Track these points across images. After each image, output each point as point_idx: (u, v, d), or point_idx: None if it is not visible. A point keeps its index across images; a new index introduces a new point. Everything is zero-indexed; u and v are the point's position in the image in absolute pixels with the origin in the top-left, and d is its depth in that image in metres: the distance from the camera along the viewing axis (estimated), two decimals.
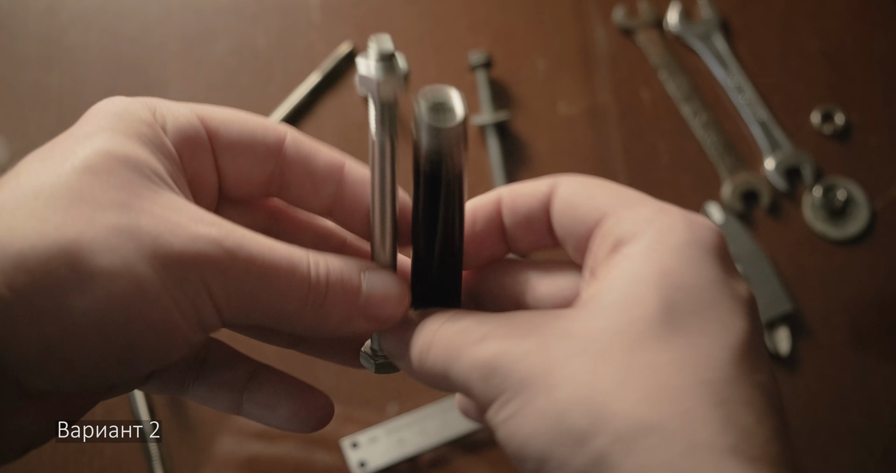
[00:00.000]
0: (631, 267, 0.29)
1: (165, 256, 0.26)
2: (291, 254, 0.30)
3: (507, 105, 0.79)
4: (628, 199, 0.31)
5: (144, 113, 0.30)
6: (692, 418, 0.25)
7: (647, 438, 0.25)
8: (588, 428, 0.25)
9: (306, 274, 0.30)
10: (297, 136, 0.34)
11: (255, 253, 0.28)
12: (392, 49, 0.29)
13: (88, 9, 0.80)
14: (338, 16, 0.81)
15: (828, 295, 0.74)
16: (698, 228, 0.30)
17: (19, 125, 0.76)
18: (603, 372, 0.26)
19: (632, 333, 0.27)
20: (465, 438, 0.68)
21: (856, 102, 0.81)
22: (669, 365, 0.26)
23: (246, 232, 0.29)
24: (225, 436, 0.68)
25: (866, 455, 0.70)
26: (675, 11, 0.83)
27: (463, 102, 0.29)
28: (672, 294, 0.28)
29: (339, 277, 0.31)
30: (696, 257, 0.29)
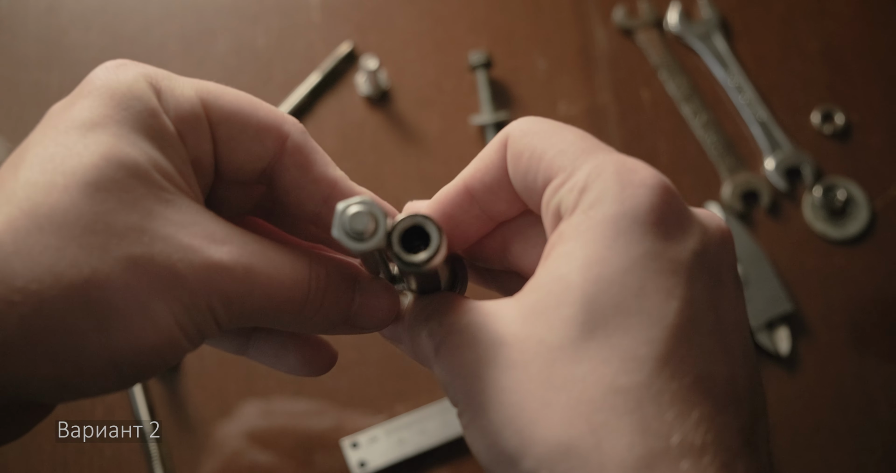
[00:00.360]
0: (559, 257, 0.27)
1: (178, 290, 0.26)
2: (295, 270, 0.30)
3: (507, 105, 0.79)
4: (573, 155, 0.29)
5: (147, 95, 0.29)
6: (602, 434, 0.24)
7: (565, 461, 0.25)
8: (516, 451, 0.26)
9: (306, 289, 0.30)
10: (298, 140, 0.32)
11: (263, 275, 0.28)
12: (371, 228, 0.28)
13: (88, 9, 0.80)
14: (338, 16, 0.81)
15: (828, 295, 0.74)
16: (631, 189, 0.27)
17: (19, 125, 0.76)
18: (526, 391, 0.26)
19: (552, 342, 0.26)
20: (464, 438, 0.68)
21: (856, 102, 0.81)
22: (586, 377, 0.25)
23: (255, 248, 0.29)
24: (225, 436, 0.68)
25: (866, 455, 0.70)
26: (675, 11, 0.83)
27: (438, 234, 0.28)
28: (593, 289, 0.26)
29: (336, 290, 0.31)
30: (624, 232, 0.27)
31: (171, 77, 0.30)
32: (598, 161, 0.28)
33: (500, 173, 0.31)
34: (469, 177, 0.32)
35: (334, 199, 0.33)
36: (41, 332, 0.24)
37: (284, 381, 0.69)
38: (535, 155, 0.30)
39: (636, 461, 0.24)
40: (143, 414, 0.66)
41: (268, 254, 0.29)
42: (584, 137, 0.30)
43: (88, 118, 0.27)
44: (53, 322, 0.24)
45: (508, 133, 0.31)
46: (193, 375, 0.69)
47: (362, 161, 0.77)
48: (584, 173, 0.28)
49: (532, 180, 0.30)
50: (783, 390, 0.72)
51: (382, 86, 0.78)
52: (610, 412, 0.25)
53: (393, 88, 0.79)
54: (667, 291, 0.26)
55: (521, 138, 0.30)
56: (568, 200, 0.28)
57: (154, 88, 0.29)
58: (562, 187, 0.28)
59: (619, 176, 0.27)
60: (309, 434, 0.69)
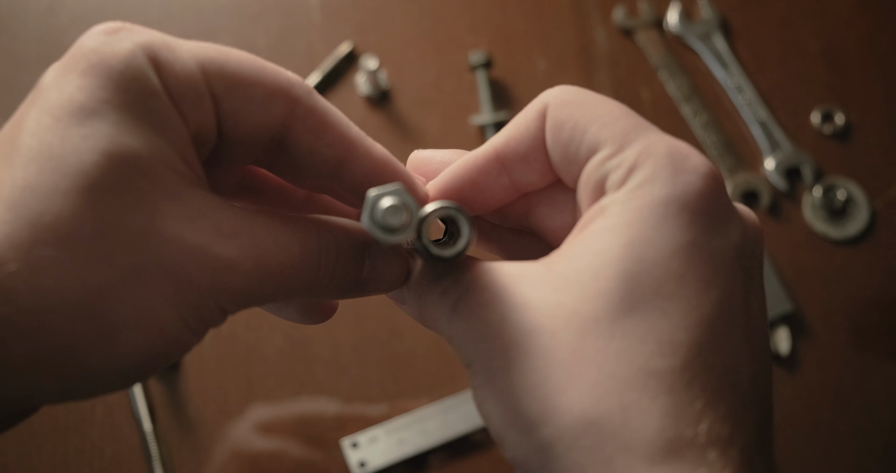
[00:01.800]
0: (601, 231, 0.27)
1: (187, 293, 0.25)
2: (305, 249, 0.28)
3: (507, 105, 0.79)
4: (621, 130, 0.28)
5: (147, 74, 0.27)
6: (633, 413, 0.24)
7: (588, 435, 0.24)
8: (536, 418, 0.25)
9: (316, 267, 0.29)
10: (308, 103, 0.30)
11: (273, 263, 0.28)
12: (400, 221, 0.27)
13: (88, 9, 0.80)
14: (338, 16, 0.81)
15: (828, 295, 0.74)
16: (683, 174, 0.27)
17: None
18: (554, 357, 0.26)
19: (586, 312, 0.26)
20: (465, 438, 0.68)
21: (856, 102, 0.81)
22: (620, 354, 0.25)
23: (263, 234, 0.28)
24: (225, 436, 0.68)
25: (866, 455, 0.70)
26: (675, 11, 0.83)
27: (469, 228, 0.28)
28: (635, 268, 0.26)
29: (346, 261, 0.30)
30: (671, 217, 0.26)
31: (169, 46, 0.28)
32: (650, 140, 0.28)
33: (535, 143, 0.30)
34: (502, 145, 0.31)
35: (350, 161, 0.31)
36: (47, 352, 0.24)
37: (284, 381, 0.69)
38: (578, 126, 0.29)
39: (665, 444, 0.24)
40: (143, 414, 0.66)
41: (276, 238, 0.28)
42: (630, 113, 0.29)
43: (84, 103, 0.26)
44: (60, 341, 0.24)
45: (547, 102, 0.30)
46: (193, 375, 0.69)
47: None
48: (634, 151, 0.27)
49: (574, 152, 0.29)
50: (783, 390, 0.72)
51: (382, 86, 0.78)
52: (642, 393, 0.24)
53: (393, 88, 0.79)
54: (707, 281, 0.26)
55: (563, 108, 0.29)
56: (615, 175, 0.27)
57: (153, 61, 0.27)
58: (608, 160, 0.28)
59: (672, 159, 0.27)
60: (309, 434, 0.69)
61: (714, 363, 0.25)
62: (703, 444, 0.24)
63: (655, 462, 0.24)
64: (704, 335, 0.25)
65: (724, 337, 0.26)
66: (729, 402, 0.25)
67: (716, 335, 0.26)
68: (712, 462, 0.24)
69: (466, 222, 0.28)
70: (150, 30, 0.28)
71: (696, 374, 0.25)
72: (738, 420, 0.25)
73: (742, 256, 0.27)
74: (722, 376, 0.25)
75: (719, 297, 0.26)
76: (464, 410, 0.68)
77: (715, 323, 0.26)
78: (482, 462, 0.68)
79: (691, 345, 0.25)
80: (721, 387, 0.25)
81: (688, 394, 0.25)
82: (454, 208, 0.28)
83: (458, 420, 0.68)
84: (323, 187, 0.33)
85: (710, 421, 0.25)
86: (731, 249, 0.27)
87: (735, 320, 0.26)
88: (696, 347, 0.25)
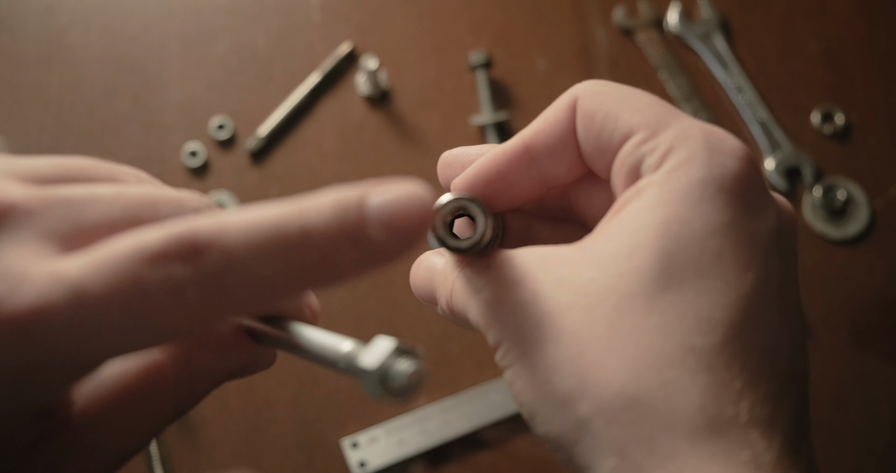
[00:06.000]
0: (637, 211, 0.27)
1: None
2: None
3: (507, 105, 0.79)
4: (654, 116, 0.28)
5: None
6: (674, 389, 0.24)
7: (627, 411, 0.24)
8: (572, 392, 0.25)
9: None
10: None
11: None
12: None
13: (88, 9, 0.80)
14: (338, 16, 0.81)
15: (828, 295, 0.74)
16: (720, 157, 0.27)
17: (19, 125, 0.76)
18: (590, 332, 0.25)
19: (623, 289, 0.26)
20: (464, 438, 0.68)
21: (856, 102, 0.81)
22: (658, 329, 0.25)
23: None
24: (225, 436, 0.68)
25: (866, 455, 0.70)
26: (675, 11, 0.83)
27: (484, 219, 0.28)
28: (672, 246, 0.26)
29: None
30: (709, 198, 0.26)
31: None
32: (685, 125, 0.28)
33: (565, 134, 0.30)
34: (531, 137, 0.31)
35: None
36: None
37: (285, 381, 0.69)
38: (610, 114, 0.29)
39: (707, 422, 0.24)
40: None
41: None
42: (660, 101, 0.29)
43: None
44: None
45: (577, 94, 0.30)
46: None
47: (362, 161, 0.77)
48: (670, 135, 0.27)
49: (607, 139, 0.29)
50: None
51: (382, 86, 0.78)
52: (682, 369, 0.24)
53: (393, 88, 0.79)
54: (745, 262, 0.26)
55: (593, 98, 0.29)
56: (651, 158, 0.27)
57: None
58: (643, 144, 0.28)
59: (708, 142, 0.27)
60: (309, 433, 0.69)
61: (752, 344, 0.25)
62: (745, 424, 0.24)
63: (698, 441, 0.24)
64: (742, 314, 0.25)
65: (762, 318, 0.26)
66: (768, 383, 0.25)
67: (753, 315, 0.26)
68: (755, 443, 0.24)
69: (480, 211, 0.28)
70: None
71: (735, 353, 0.25)
72: (778, 402, 0.25)
73: (778, 241, 0.27)
74: (760, 356, 0.25)
75: (756, 278, 0.26)
76: (464, 410, 0.68)
77: (752, 303, 0.26)
78: (482, 461, 0.68)
79: (729, 324, 0.25)
80: (760, 367, 0.25)
81: (727, 373, 0.24)
82: (466, 199, 0.28)
83: (458, 419, 0.68)
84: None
85: (750, 401, 0.24)
86: (767, 232, 0.27)
87: (771, 302, 0.26)
88: (735, 325, 0.25)
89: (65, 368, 0.22)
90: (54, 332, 0.21)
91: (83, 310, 0.21)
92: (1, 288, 0.21)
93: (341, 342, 0.26)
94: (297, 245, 0.22)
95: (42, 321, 0.21)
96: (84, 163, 0.27)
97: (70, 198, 0.24)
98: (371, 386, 0.24)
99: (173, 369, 0.28)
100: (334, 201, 0.23)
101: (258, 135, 0.76)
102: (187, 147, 0.76)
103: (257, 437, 0.68)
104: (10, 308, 0.21)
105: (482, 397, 0.69)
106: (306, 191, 0.25)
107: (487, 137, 0.77)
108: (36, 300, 0.21)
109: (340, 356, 0.25)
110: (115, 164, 0.28)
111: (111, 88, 0.78)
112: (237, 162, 0.76)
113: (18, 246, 0.22)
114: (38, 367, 0.21)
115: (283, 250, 0.22)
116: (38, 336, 0.21)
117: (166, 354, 0.29)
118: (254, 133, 0.77)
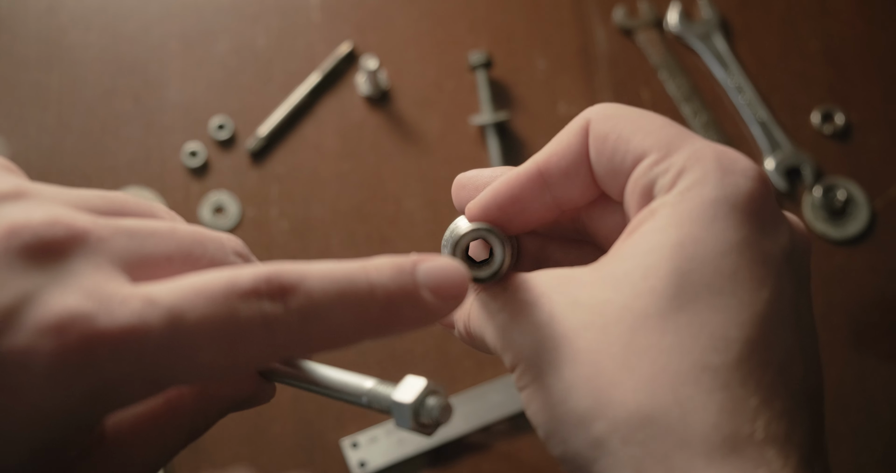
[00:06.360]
0: (650, 232, 0.27)
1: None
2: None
3: (507, 105, 0.79)
4: (666, 138, 0.29)
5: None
6: (690, 408, 0.24)
7: (644, 429, 0.24)
8: (589, 411, 0.25)
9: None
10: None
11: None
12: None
13: (88, 9, 0.80)
14: (338, 16, 0.81)
15: (828, 295, 0.74)
16: (732, 177, 0.27)
17: (19, 125, 0.76)
18: (606, 352, 0.26)
19: (638, 309, 0.26)
20: (464, 438, 0.68)
21: (856, 102, 0.81)
22: (673, 348, 0.25)
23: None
24: (225, 436, 0.68)
25: (866, 455, 0.70)
26: (675, 11, 0.83)
27: (502, 249, 0.29)
28: (686, 266, 0.26)
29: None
30: (722, 217, 0.26)
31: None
32: (697, 146, 0.28)
33: (578, 157, 0.30)
34: (544, 161, 0.31)
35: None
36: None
37: None
38: (622, 136, 0.29)
39: (723, 440, 0.24)
40: None
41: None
42: (672, 122, 0.29)
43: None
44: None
45: (589, 118, 0.30)
46: None
47: (362, 161, 0.77)
48: (683, 156, 0.28)
49: (620, 161, 0.29)
50: None
51: (382, 86, 0.78)
52: (697, 388, 0.24)
53: (393, 88, 0.79)
54: (759, 280, 0.26)
55: (605, 121, 0.30)
56: (664, 179, 0.28)
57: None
58: (655, 166, 0.28)
59: (720, 163, 0.28)
60: (309, 433, 0.69)
61: (767, 361, 0.25)
62: (761, 442, 0.24)
63: (714, 459, 0.24)
64: (757, 332, 0.26)
65: (776, 336, 0.26)
66: (784, 400, 0.25)
67: (768, 333, 0.26)
68: (771, 461, 0.24)
69: (499, 242, 0.29)
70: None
71: (751, 371, 0.25)
72: (793, 419, 0.25)
73: (791, 260, 0.28)
74: (776, 373, 0.25)
75: (770, 296, 0.26)
76: (463, 410, 0.68)
77: (767, 321, 0.26)
78: (482, 461, 0.68)
79: (745, 341, 0.25)
80: (775, 385, 0.25)
81: (743, 390, 0.25)
82: (485, 230, 0.29)
83: (458, 419, 0.68)
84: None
85: (766, 419, 0.25)
86: (780, 251, 0.27)
87: (786, 320, 0.27)
88: (750, 343, 0.25)
89: (146, 385, 0.23)
90: (148, 351, 0.22)
91: (179, 334, 0.23)
92: (92, 305, 0.22)
93: (363, 379, 0.30)
94: (364, 297, 0.26)
95: (138, 339, 0.22)
96: (126, 197, 0.28)
97: (133, 230, 0.25)
98: (404, 420, 0.28)
99: (190, 395, 0.30)
100: (392, 264, 0.26)
101: (258, 135, 0.76)
102: (187, 147, 0.76)
103: (257, 437, 0.68)
104: (104, 325, 0.22)
105: (482, 397, 0.69)
106: (306, 191, 0.26)
107: (487, 137, 0.77)
108: (131, 319, 0.22)
109: (364, 391, 0.29)
110: (148, 201, 0.30)
111: (111, 88, 0.78)
112: (237, 162, 0.76)
113: (95, 269, 0.23)
114: (124, 381, 0.22)
115: (353, 300, 0.25)
116: (131, 354, 0.22)
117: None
118: (254, 133, 0.77)
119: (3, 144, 0.75)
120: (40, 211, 0.24)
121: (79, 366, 0.22)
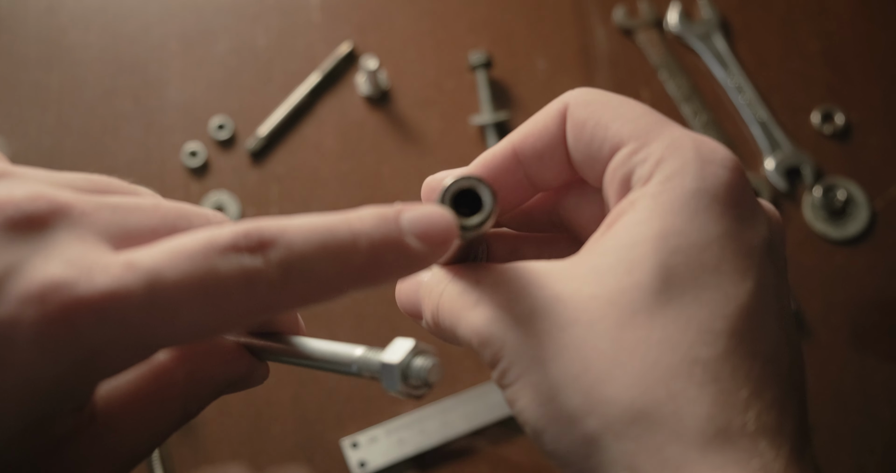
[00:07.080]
0: (632, 224, 0.27)
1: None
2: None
3: (507, 105, 0.79)
4: (644, 126, 0.28)
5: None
6: (681, 402, 0.24)
7: (636, 424, 0.24)
8: (579, 409, 0.25)
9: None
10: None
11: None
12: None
13: (88, 9, 0.80)
14: (338, 16, 0.81)
15: (828, 295, 0.74)
16: (712, 167, 0.27)
17: (19, 125, 0.76)
18: (593, 348, 0.26)
19: (623, 304, 0.26)
20: (464, 438, 0.68)
21: (856, 102, 0.81)
22: (663, 343, 0.25)
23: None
24: (225, 436, 0.68)
25: (866, 455, 0.70)
26: (675, 11, 0.83)
27: (491, 198, 0.28)
28: (670, 259, 0.26)
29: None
30: (702, 209, 0.27)
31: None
32: (675, 135, 0.28)
33: (554, 141, 0.30)
34: (519, 141, 0.31)
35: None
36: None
37: (285, 381, 0.69)
38: (600, 124, 0.29)
39: (716, 433, 0.24)
40: None
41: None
42: (651, 110, 0.29)
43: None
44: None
45: (567, 102, 0.30)
46: None
47: (362, 161, 0.77)
48: (661, 145, 0.28)
49: (597, 149, 0.29)
50: None
51: (382, 86, 0.78)
52: (688, 381, 0.24)
53: (393, 88, 0.79)
54: (742, 272, 0.26)
55: (584, 107, 0.30)
56: (642, 170, 0.28)
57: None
58: (633, 155, 0.28)
59: (699, 152, 0.27)
60: (309, 434, 0.69)
61: (755, 352, 0.26)
62: (753, 433, 0.24)
63: (708, 451, 0.24)
64: (743, 323, 0.26)
65: (762, 326, 0.26)
66: (773, 390, 0.25)
67: (754, 324, 0.26)
68: (763, 451, 0.24)
69: (488, 191, 0.28)
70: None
71: (740, 362, 0.25)
72: (784, 410, 0.25)
73: (771, 249, 0.28)
74: (764, 364, 0.26)
75: (754, 287, 0.26)
76: (463, 410, 0.68)
77: (752, 313, 0.26)
78: (481, 462, 0.68)
79: (731, 334, 0.25)
80: (764, 375, 0.25)
81: (733, 382, 0.25)
82: (475, 178, 0.29)
83: (457, 419, 0.68)
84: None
85: (757, 410, 0.25)
86: (761, 241, 0.27)
87: (770, 310, 0.27)
88: (737, 335, 0.25)
89: (131, 350, 0.23)
90: (130, 315, 0.22)
91: (159, 295, 0.22)
92: (73, 273, 0.22)
93: (352, 348, 0.28)
94: (347, 248, 0.25)
95: (119, 303, 0.22)
96: (109, 179, 0.28)
97: (116, 204, 0.26)
98: (392, 381, 0.26)
99: (181, 373, 0.30)
100: (375, 213, 0.26)
101: (258, 135, 0.76)
102: (187, 147, 0.76)
103: (257, 437, 0.68)
104: (85, 291, 0.22)
105: (482, 397, 0.69)
106: (306, 191, 0.26)
107: (487, 137, 0.77)
108: (112, 284, 0.22)
109: (354, 359, 0.28)
110: (131, 184, 0.30)
111: (111, 88, 0.78)
112: (237, 162, 0.76)
113: (79, 239, 0.23)
114: (109, 347, 0.23)
115: (335, 251, 0.25)
116: (114, 318, 0.22)
117: (173, 359, 0.30)
118: (254, 133, 0.77)
119: (3, 144, 0.75)
120: (23, 188, 0.24)
121: (63, 334, 0.22)
